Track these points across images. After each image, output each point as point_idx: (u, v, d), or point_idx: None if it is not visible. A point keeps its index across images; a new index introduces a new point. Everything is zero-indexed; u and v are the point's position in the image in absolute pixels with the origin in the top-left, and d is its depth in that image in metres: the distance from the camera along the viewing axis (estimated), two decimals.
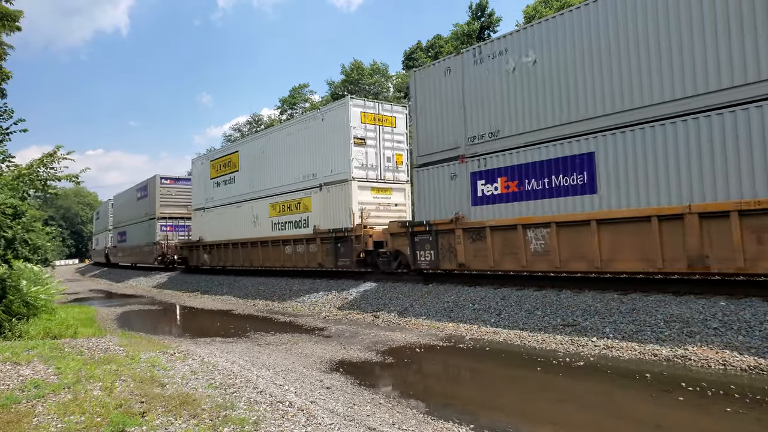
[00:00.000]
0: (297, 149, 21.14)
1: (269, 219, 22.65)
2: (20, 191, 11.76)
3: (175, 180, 36.57)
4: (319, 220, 19.69)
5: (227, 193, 26.26)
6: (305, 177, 20.53)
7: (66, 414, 5.17)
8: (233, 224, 25.30)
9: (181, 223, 35.40)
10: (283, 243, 21.54)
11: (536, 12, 38.94)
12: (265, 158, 23.39)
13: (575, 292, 11.39)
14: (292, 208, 21.19)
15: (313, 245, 20.02)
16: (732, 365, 7.52)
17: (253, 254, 23.73)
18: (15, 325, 10.31)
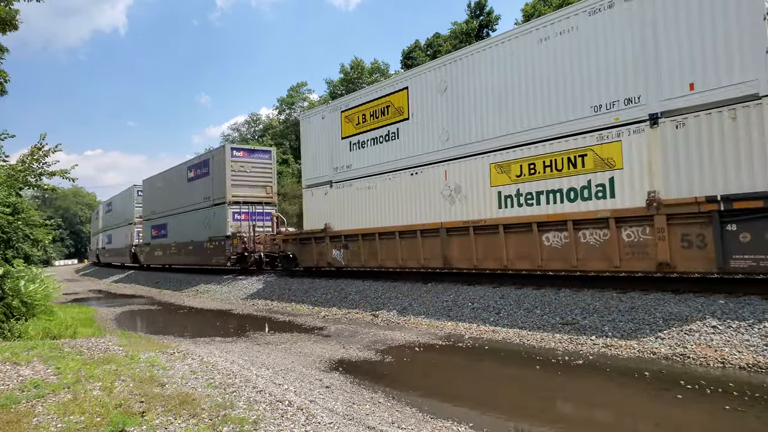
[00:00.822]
0: (574, 62, 11.71)
1: (494, 189, 13.40)
2: (15, 188, 11.78)
3: (249, 152, 26.69)
4: (651, 180, 10.47)
5: (383, 156, 17.02)
6: (602, 107, 11.25)
7: (66, 414, 5.18)
8: (398, 202, 16.36)
9: (258, 209, 25.89)
10: (541, 228, 12.16)
11: (535, 10, 38.90)
12: (482, 86, 13.86)
13: (574, 291, 11.40)
14: (565, 166, 11.89)
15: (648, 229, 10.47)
16: (731, 363, 7.54)
17: (452, 247, 14.39)
18: (14, 325, 10.30)
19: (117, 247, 44.53)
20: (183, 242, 29.80)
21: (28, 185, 12.88)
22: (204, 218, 27.36)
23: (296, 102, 65.46)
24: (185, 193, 29.88)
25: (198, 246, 27.84)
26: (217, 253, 25.66)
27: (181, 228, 30.28)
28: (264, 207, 25.94)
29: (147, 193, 36.43)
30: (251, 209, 25.48)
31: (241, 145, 26.88)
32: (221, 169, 25.66)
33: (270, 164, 26.72)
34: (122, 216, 43.24)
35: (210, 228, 26.61)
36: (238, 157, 25.65)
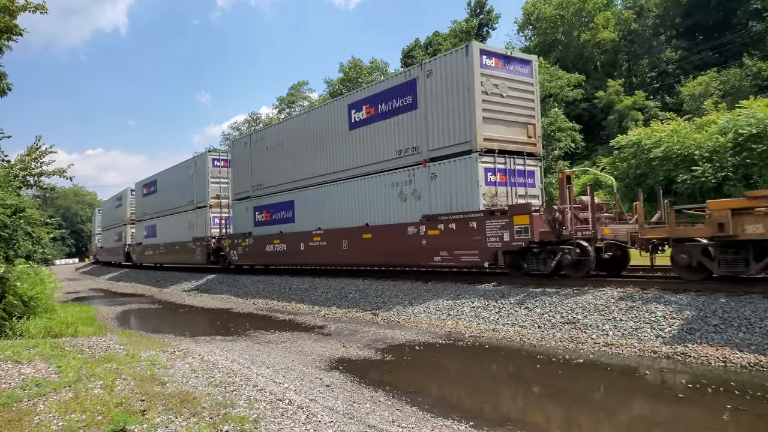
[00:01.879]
0: None
1: None
2: (14, 187, 11.81)
3: (505, 59, 14.80)
4: None
5: None
6: None
7: (67, 412, 5.18)
8: None
9: (519, 164, 14.94)
10: None
11: (535, 8, 38.85)
12: None
13: (575, 290, 11.39)
14: None
15: None
16: (732, 362, 7.53)
17: None
18: (15, 323, 10.31)
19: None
20: None
21: (27, 185, 12.92)
22: None
23: (296, 101, 65.50)
24: None
25: None
26: None
27: None
28: (525, 160, 14.72)
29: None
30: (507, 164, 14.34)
31: (492, 48, 14.88)
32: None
33: (532, 84, 15.02)
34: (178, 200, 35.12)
35: None
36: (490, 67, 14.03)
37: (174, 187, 32.27)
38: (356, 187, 17.46)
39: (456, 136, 13.98)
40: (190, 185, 29.68)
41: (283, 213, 21.30)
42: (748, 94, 26.96)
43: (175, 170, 32.84)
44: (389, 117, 16.21)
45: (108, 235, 48.59)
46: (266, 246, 21.79)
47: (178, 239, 30.79)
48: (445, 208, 14.18)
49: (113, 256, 46.31)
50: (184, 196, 30.31)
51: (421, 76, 15.03)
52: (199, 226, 28.32)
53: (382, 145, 16.41)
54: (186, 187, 30.22)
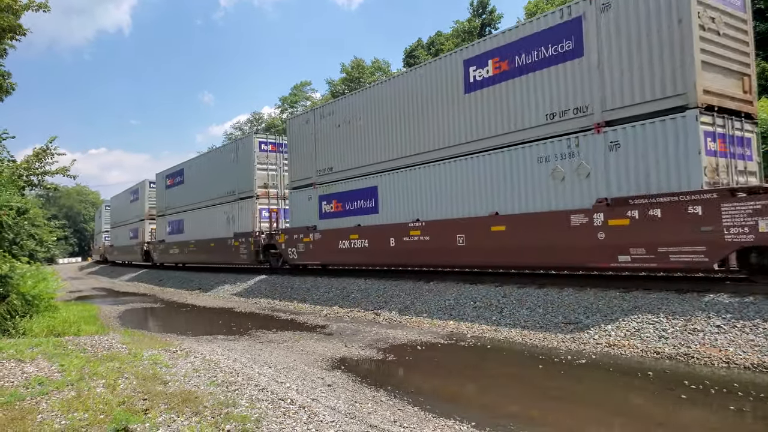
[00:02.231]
0: None
1: None
2: (19, 187, 11.85)
3: None
4: None
5: None
6: None
7: (69, 411, 5.19)
8: None
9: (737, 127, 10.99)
10: None
11: (537, 8, 38.81)
12: None
13: (577, 290, 11.38)
14: None
15: None
16: (735, 363, 7.51)
17: None
18: (18, 322, 10.34)
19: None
20: None
21: (32, 185, 12.96)
22: None
23: (299, 101, 65.57)
24: None
25: None
26: None
27: None
28: (744, 124, 10.91)
29: None
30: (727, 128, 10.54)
31: None
32: None
33: (746, 21, 11.53)
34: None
35: None
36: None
37: (207, 177, 28.04)
38: (477, 165, 13.65)
39: (657, 88, 10.26)
40: (229, 173, 25.72)
41: (362, 202, 17.48)
42: None
43: (208, 157, 29.70)
44: (534, 70, 12.36)
45: (120, 232, 45.02)
46: (339, 242, 18.14)
47: (214, 235, 26.62)
48: (636, 188, 10.54)
49: (127, 255, 43.06)
50: (222, 186, 26.24)
51: (590, 11, 11.29)
52: (242, 219, 24.43)
53: (522, 108, 12.63)
54: (224, 176, 26.15)
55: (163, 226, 33.80)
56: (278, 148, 24.72)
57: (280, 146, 24.66)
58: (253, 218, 23.81)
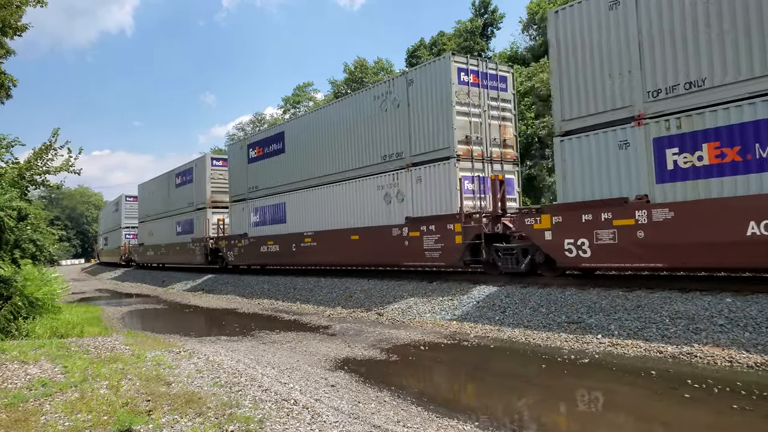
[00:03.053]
0: None
1: None
2: (22, 188, 11.86)
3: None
4: None
5: None
6: None
7: (73, 412, 5.20)
8: None
9: None
10: None
11: (540, 8, 38.74)
12: None
13: (579, 290, 11.36)
14: None
15: None
16: (738, 362, 7.49)
17: None
18: (22, 324, 10.37)
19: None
20: None
21: (35, 184, 12.96)
22: None
23: (302, 101, 65.62)
24: None
25: None
26: None
27: None
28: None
29: None
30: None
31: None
32: None
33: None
34: None
35: None
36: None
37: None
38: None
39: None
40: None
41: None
42: None
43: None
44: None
45: (158, 226, 35.76)
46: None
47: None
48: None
49: (175, 256, 32.91)
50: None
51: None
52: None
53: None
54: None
55: (248, 214, 27.44)
56: None
57: None
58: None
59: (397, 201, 16.13)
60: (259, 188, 23.27)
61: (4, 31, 11.73)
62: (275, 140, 22.51)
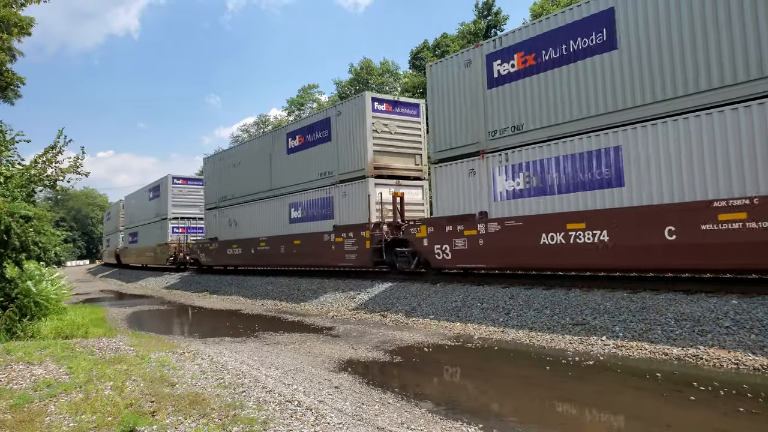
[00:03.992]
0: None
1: None
2: (29, 190, 11.88)
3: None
4: None
5: None
6: None
7: (78, 413, 5.21)
8: None
9: None
10: None
11: (543, 9, 38.73)
12: None
13: (584, 291, 11.33)
14: None
15: None
16: (745, 364, 7.45)
17: None
18: (27, 325, 10.40)
19: None
20: None
21: (44, 186, 12.98)
22: None
23: (306, 103, 65.70)
24: None
25: None
26: None
27: None
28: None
29: None
30: None
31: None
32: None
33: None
34: None
35: None
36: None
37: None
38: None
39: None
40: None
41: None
42: None
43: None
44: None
45: (252, 213, 24.85)
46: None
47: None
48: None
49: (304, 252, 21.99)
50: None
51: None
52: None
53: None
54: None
55: None
56: None
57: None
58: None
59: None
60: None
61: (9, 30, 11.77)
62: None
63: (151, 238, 36.97)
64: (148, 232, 38.24)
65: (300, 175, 21.16)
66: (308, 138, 20.90)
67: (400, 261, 16.13)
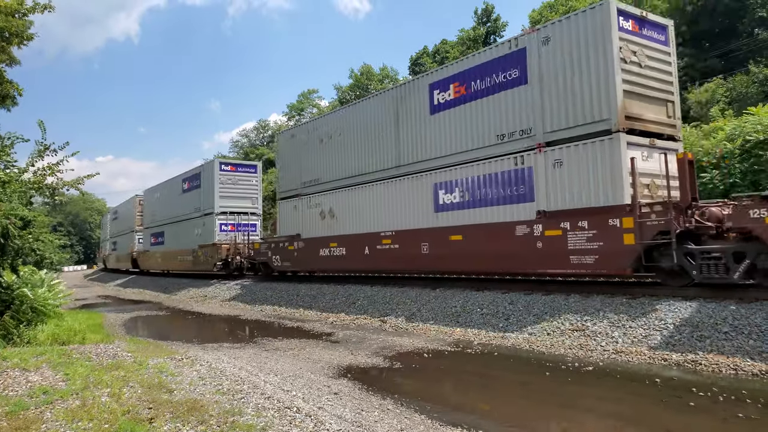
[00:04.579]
0: None
1: None
2: (28, 196, 11.84)
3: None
4: None
5: None
6: None
7: (74, 420, 5.18)
8: None
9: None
10: None
11: (542, 17, 38.90)
12: None
13: (583, 297, 11.31)
14: None
15: None
16: (743, 370, 7.44)
17: None
18: (23, 331, 10.34)
19: None
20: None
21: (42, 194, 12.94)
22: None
23: (306, 108, 65.80)
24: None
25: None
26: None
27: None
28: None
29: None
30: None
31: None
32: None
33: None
34: None
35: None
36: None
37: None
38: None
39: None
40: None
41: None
42: (754, 101, 26.83)
43: None
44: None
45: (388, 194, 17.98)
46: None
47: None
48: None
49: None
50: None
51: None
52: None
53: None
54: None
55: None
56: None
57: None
58: None
59: None
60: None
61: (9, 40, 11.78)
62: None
63: (187, 239, 29.67)
64: (180, 232, 31.03)
65: (457, 142, 14.59)
66: (476, 85, 14.18)
67: (704, 266, 9.76)
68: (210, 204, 27.61)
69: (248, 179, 28.61)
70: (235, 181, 28.05)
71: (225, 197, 27.62)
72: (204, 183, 28.57)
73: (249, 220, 28.01)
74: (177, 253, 31.60)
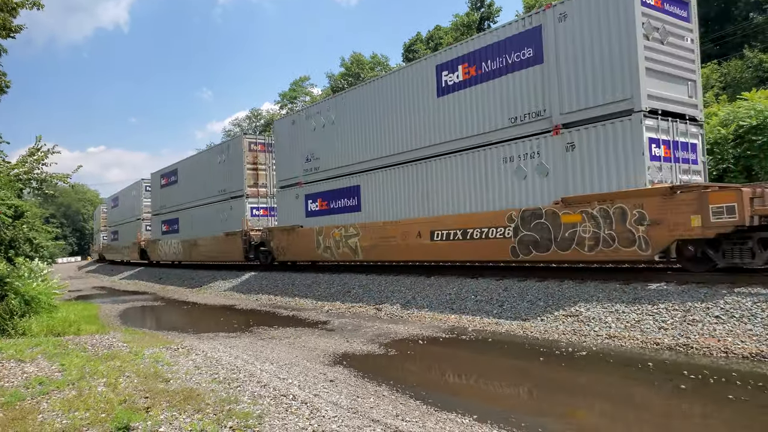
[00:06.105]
0: None
1: None
2: (16, 189, 11.78)
3: None
4: None
5: None
6: None
7: (70, 410, 5.20)
8: None
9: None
10: None
11: (536, 2, 38.69)
12: None
13: (577, 283, 11.38)
14: None
15: None
16: (734, 353, 7.53)
17: None
18: (18, 322, 10.33)
19: None
20: None
21: (30, 187, 12.90)
22: None
23: (298, 96, 65.41)
24: None
25: None
26: None
27: None
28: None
29: None
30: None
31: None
32: None
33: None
34: None
35: None
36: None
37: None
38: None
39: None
40: None
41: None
42: (749, 86, 26.89)
43: None
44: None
45: None
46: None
47: None
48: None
49: None
50: None
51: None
52: None
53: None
54: None
55: None
56: None
57: None
58: None
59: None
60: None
61: None
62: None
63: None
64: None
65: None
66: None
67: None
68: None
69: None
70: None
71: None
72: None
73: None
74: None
